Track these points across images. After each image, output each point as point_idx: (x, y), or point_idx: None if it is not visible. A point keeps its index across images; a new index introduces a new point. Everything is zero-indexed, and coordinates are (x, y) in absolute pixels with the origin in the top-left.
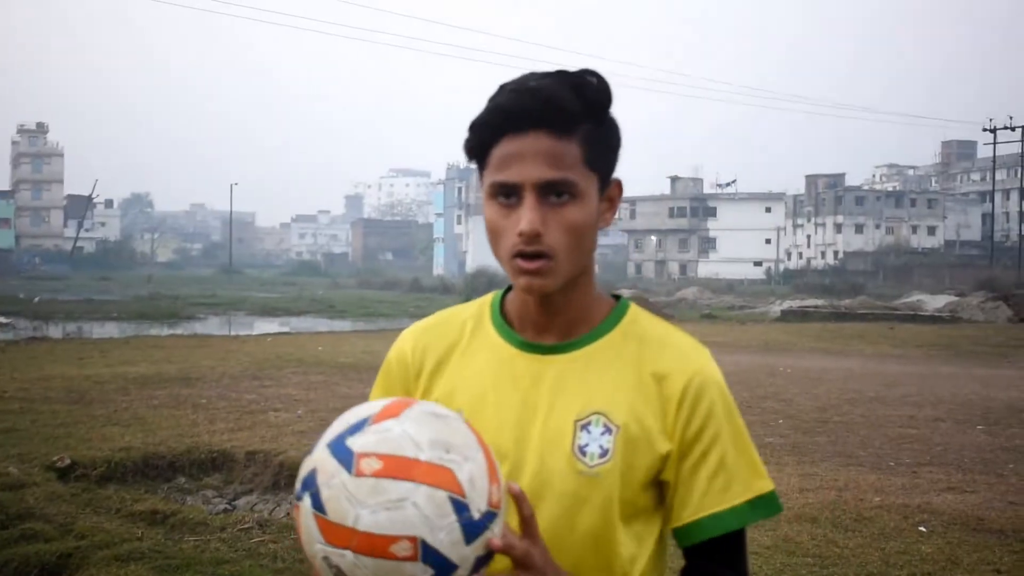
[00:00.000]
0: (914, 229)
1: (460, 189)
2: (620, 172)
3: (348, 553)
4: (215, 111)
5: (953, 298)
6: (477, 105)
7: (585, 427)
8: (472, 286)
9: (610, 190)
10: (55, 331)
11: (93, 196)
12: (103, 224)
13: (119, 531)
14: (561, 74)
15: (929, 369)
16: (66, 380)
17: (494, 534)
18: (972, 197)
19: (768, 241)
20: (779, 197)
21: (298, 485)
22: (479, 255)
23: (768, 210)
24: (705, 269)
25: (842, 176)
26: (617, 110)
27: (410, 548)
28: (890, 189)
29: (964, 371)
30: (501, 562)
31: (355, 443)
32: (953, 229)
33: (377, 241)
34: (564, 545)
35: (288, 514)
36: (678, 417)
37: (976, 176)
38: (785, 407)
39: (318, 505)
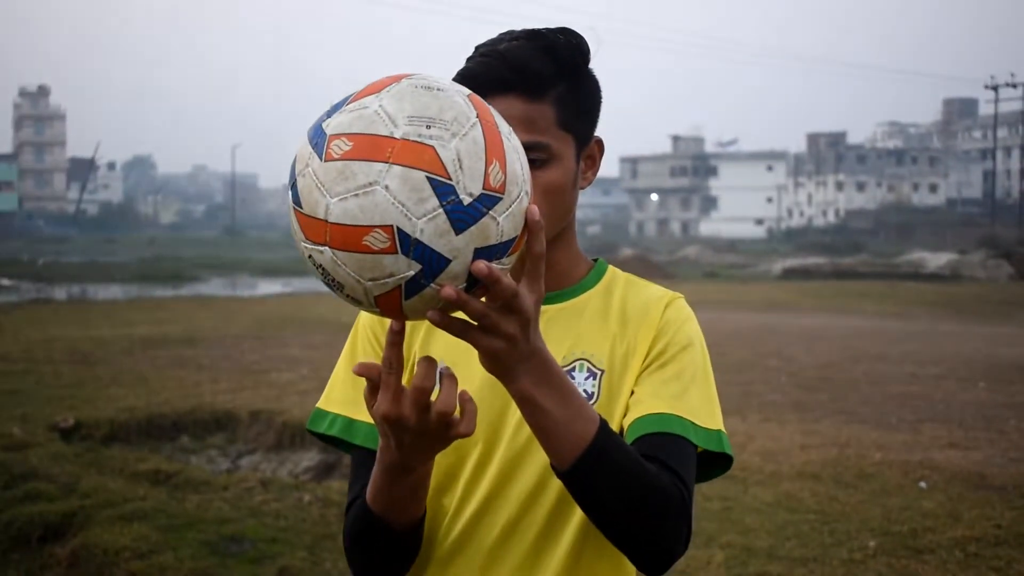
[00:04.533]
0: (915, 187)
1: None
2: (622, 131)
3: (326, 249)
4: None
5: (954, 256)
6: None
7: (569, 373)
8: None
9: (589, 149)
10: (59, 293)
11: (96, 158)
12: (106, 186)
13: (122, 491)
14: (533, 35)
15: (931, 327)
16: (70, 342)
17: (498, 223)
18: (973, 155)
19: (770, 200)
20: (781, 155)
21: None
22: None
23: (770, 168)
24: (707, 228)
25: (844, 134)
26: (618, 69)
27: (386, 239)
28: (891, 147)
29: (966, 328)
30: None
31: (329, 125)
32: (955, 187)
33: None
34: (553, 484)
35: (290, 472)
36: (653, 336)
37: (977, 134)
38: (787, 365)
39: (295, 198)
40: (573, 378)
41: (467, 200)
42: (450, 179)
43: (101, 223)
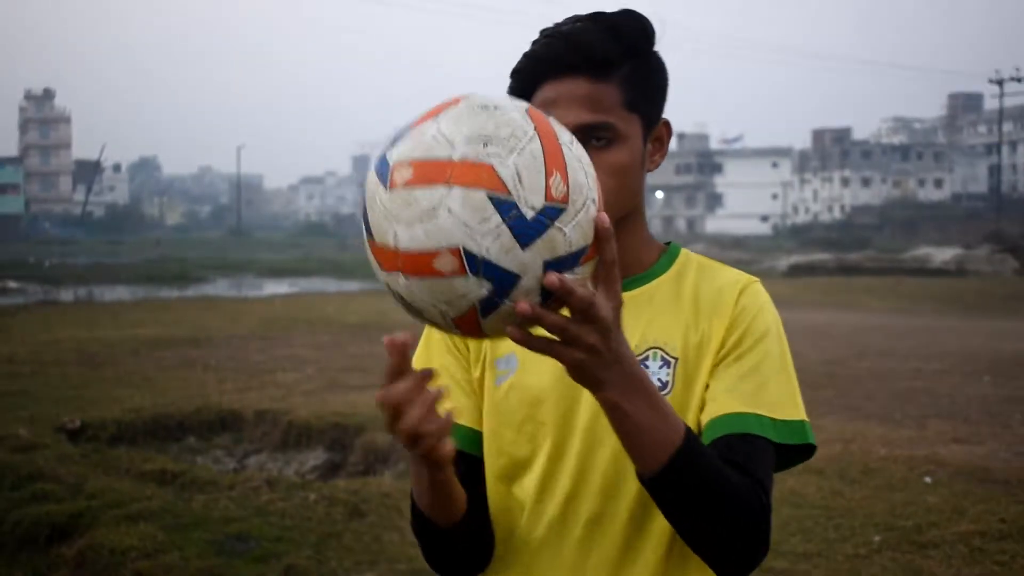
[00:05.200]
0: (921, 182)
1: None
2: None
3: (400, 276)
4: (221, 73)
5: (960, 251)
6: (481, 61)
7: (643, 362)
8: None
9: (657, 131)
10: (66, 295)
11: (101, 160)
12: (112, 188)
13: (129, 491)
14: (597, 16)
15: (936, 322)
16: (76, 343)
17: (565, 234)
18: (979, 149)
19: (775, 196)
20: (786, 152)
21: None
22: None
23: (775, 165)
24: (712, 225)
25: (848, 130)
26: None
27: (454, 261)
28: (896, 143)
29: (971, 323)
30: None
31: (392, 154)
32: (960, 182)
33: None
34: (628, 476)
35: (296, 472)
36: (729, 323)
37: (983, 128)
38: (792, 361)
39: (368, 230)
40: (647, 367)
41: (530, 214)
42: (510, 195)
43: (107, 225)
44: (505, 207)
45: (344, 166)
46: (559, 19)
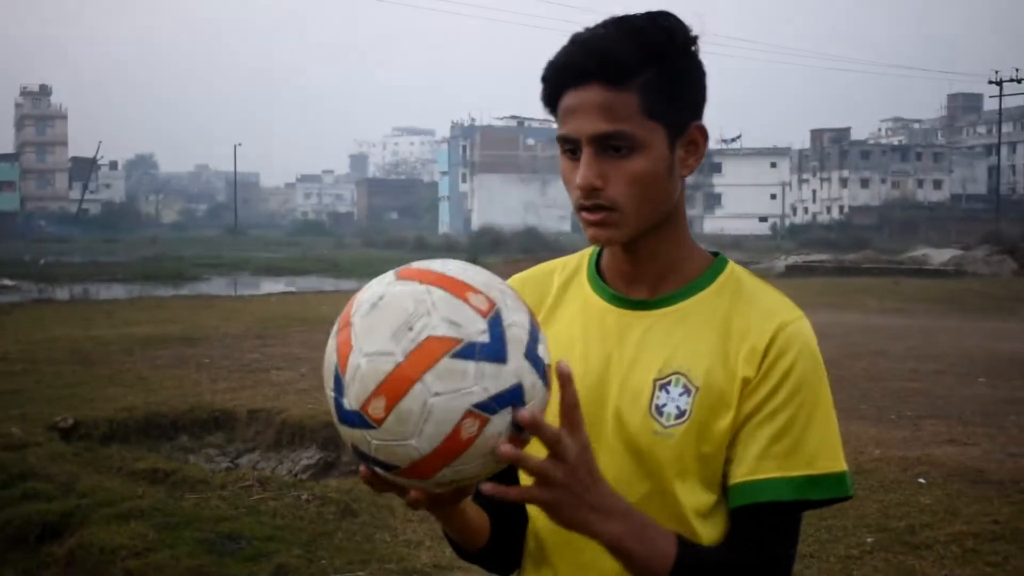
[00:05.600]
0: (920, 183)
1: (464, 147)
2: None
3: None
4: (218, 71)
5: (958, 252)
6: (481, 62)
7: (664, 387)
8: (477, 244)
9: (689, 135)
10: (61, 293)
11: (97, 158)
12: (108, 186)
13: (120, 490)
14: (620, 21)
15: (933, 322)
16: (70, 341)
17: (371, 446)
18: (978, 150)
19: (773, 196)
20: (784, 152)
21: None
22: (484, 213)
23: (773, 165)
24: (711, 225)
25: (847, 130)
26: None
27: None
28: (896, 143)
29: (968, 324)
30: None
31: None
32: (959, 183)
33: (382, 200)
34: (629, 499)
35: (288, 471)
36: (759, 372)
37: (982, 129)
38: None
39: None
40: (668, 392)
41: (347, 407)
42: (344, 382)
43: (103, 223)
44: (338, 388)
45: (341, 164)
46: (590, 23)
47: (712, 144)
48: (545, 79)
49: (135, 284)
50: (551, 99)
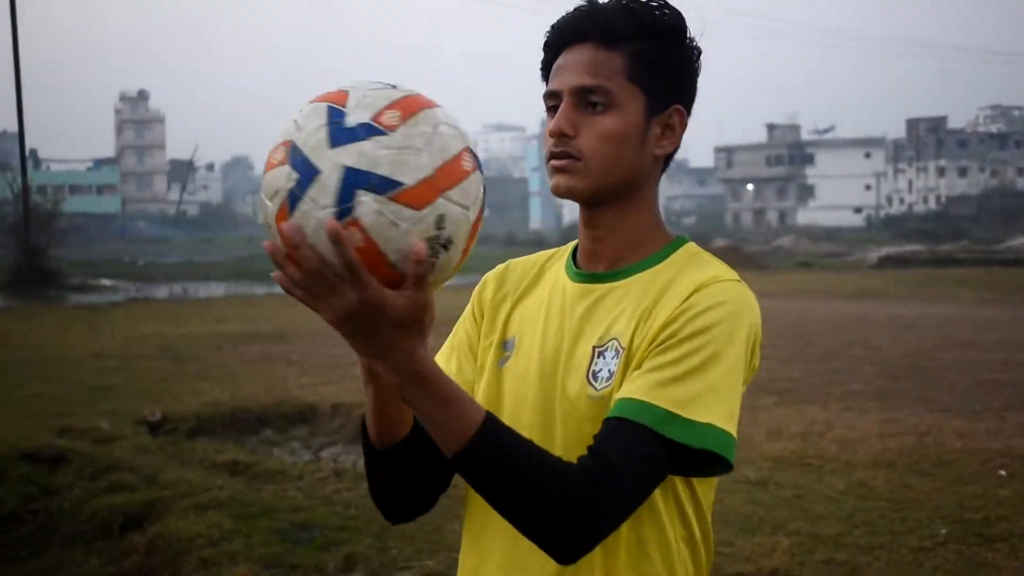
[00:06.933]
0: (1020, 171)
1: None
2: (716, 120)
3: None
4: (312, 72)
5: None
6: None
7: (602, 352)
8: (568, 239)
9: (666, 116)
10: (157, 292)
11: (194, 160)
12: (205, 187)
13: (201, 481)
14: None
15: None
16: (162, 338)
17: (374, 151)
18: None
19: (868, 187)
20: (879, 142)
21: None
22: (574, 209)
23: (868, 155)
24: (804, 217)
25: (944, 119)
26: (713, 58)
27: (283, 152)
28: (994, 131)
29: None
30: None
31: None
32: None
33: None
34: None
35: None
36: (672, 314)
37: None
38: (872, 354)
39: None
40: (604, 357)
41: (351, 124)
42: (345, 107)
43: (200, 223)
44: (335, 114)
45: None
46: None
47: (804, 135)
48: (546, 43)
49: (229, 282)
50: (550, 63)
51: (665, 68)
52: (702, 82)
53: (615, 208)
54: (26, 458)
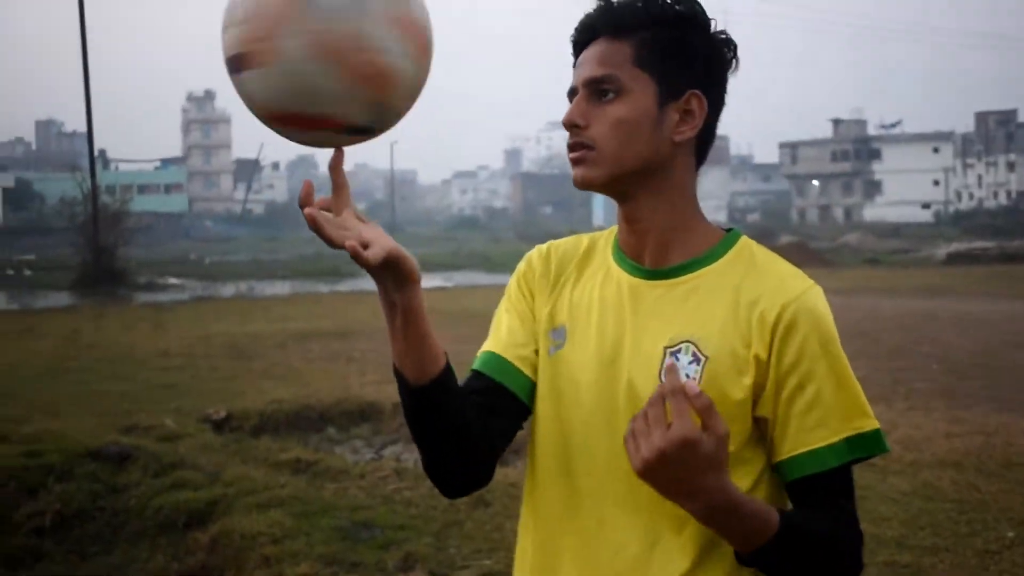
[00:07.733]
0: None
1: None
2: (781, 116)
3: None
4: None
5: None
6: None
7: (675, 354)
8: None
9: (684, 102)
10: (223, 291)
11: (260, 159)
12: (271, 186)
13: (263, 479)
14: None
15: None
16: (227, 337)
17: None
18: None
19: (936, 182)
20: (947, 136)
21: None
22: None
23: (936, 150)
24: (871, 213)
25: (1014, 112)
26: (778, 54)
27: None
28: None
29: None
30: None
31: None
32: None
33: (536, 195)
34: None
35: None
36: (772, 348)
37: None
38: (940, 351)
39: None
40: (677, 360)
41: None
42: None
43: (266, 222)
44: None
45: (496, 160)
46: None
47: (871, 130)
48: (573, 43)
49: (294, 281)
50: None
51: (676, 54)
52: (765, 77)
53: (645, 199)
54: (93, 456)
